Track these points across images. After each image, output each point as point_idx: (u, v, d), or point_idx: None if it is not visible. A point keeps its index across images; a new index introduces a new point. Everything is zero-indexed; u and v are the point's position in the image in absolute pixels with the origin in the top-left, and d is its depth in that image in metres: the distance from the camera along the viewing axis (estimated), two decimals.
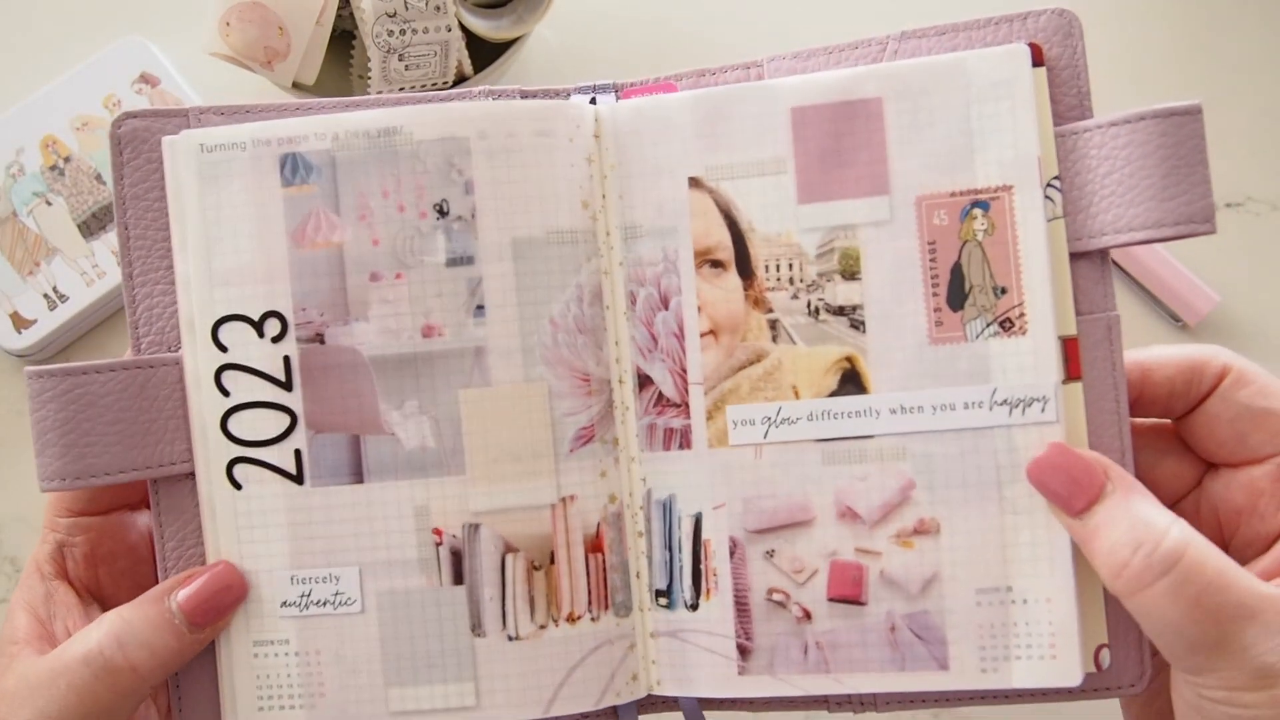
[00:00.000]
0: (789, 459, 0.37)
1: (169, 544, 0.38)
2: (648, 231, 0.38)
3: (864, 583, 0.37)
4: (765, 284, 0.38)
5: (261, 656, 0.38)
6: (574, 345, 0.39)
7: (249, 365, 0.38)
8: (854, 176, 0.37)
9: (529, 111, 0.39)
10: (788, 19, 0.60)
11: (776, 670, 0.37)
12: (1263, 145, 0.58)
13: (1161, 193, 0.35)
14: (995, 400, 0.36)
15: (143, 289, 0.39)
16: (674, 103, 0.38)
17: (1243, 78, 0.59)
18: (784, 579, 0.37)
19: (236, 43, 0.50)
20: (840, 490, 0.37)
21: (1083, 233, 0.36)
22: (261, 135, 0.38)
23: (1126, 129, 0.35)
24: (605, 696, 0.38)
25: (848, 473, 0.37)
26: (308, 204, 0.38)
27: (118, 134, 0.39)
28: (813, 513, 0.37)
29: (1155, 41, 0.60)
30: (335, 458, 0.38)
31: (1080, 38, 0.37)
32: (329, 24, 0.50)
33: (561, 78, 0.59)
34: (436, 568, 0.38)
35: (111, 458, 0.37)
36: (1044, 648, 0.36)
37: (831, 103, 0.37)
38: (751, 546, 0.37)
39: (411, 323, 0.38)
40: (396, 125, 0.38)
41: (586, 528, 0.38)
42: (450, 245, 0.38)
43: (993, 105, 0.36)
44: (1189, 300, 0.54)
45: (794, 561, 0.37)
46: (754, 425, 0.37)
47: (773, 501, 0.37)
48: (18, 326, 0.54)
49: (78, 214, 0.55)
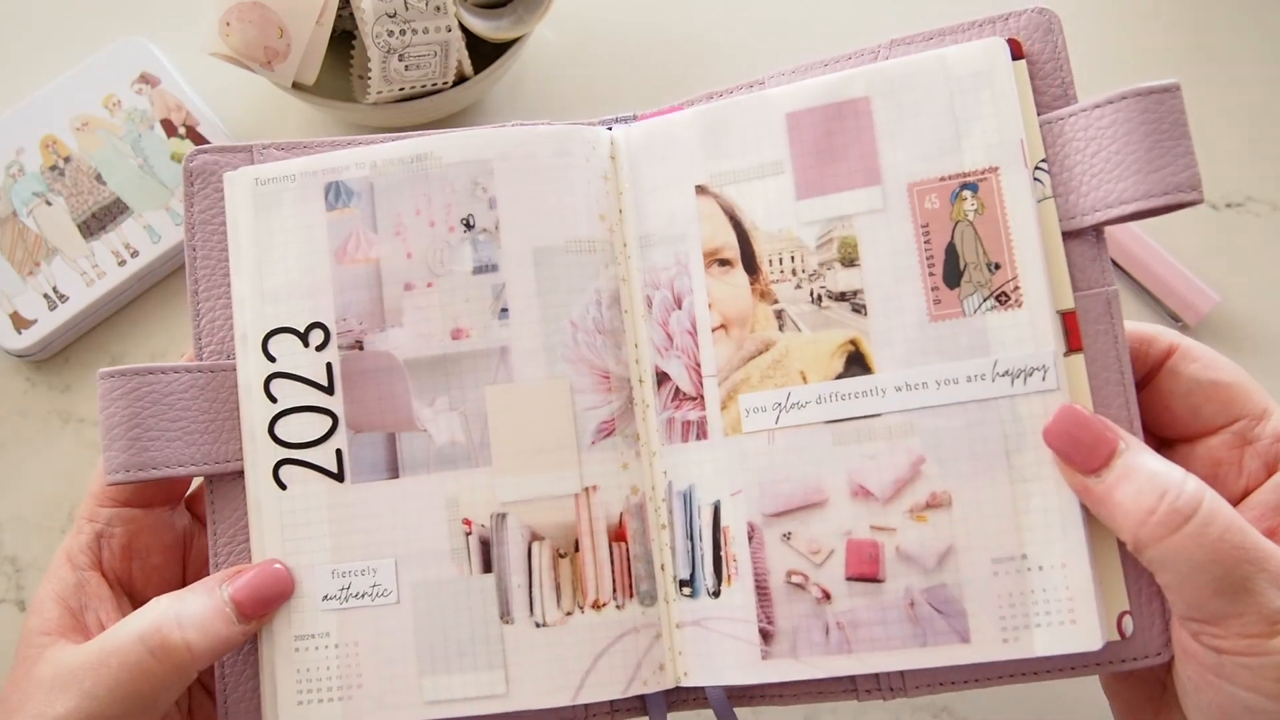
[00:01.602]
0: (801, 442, 0.38)
1: (220, 539, 0.41)
2: (661, 239, 0.41)
3: (880, 560, 0.37)
4: (770, 277, 0.39)
5: (303, 650, 0.40)
6: (593, 345, 0.41)
7: (295, 373, 0.41)
8: (847, 170, 0.39)
9: (547, 135, 0.42)
10: (786, 16, 0.61)
11: (799, 653, 0.38)
12: (1263, 145, 0.58)
13: (1148, 165, 0.36)
14: (997, 372, 0.37)
15: (206, 303, 0.42)
16: (679, 120, 0.41)
17: (1243, 78, 0.59)
18: (802, 560, 0.38)
19: (236, 43, 0.50)
20: (852, 470, 0.38)
21: (1074, 211, 0.38)
22: (308, 168, 0.42)
23: (1110, 109, 0.37)
24: (632, 684, 0.39)
25: (858, 452, 0.38)
26: (348, 225, 0.42)
27: (190, 167, 0.43)
28: (826, 493, 0.38)
29: (1155, 42, 0.60)
30: (373, 455, 0.41)
31: (1060, 33, 0.39)
32: (329, 24, 0.50)
33: (561, 78, 0.60)
34: (467, 557, 0.40)
35: (173, 452, 0.40)
36: (1063, 613, 0.36)
37: (823, 105, 0.40)
38: (769, 530, 0.38)
39: (442, 327, 0.41)
40: (427, 152, 0.42)
41: (609, 517, 0.40)
42: (476, 255, 0.41)
43: (974, 95, 0.38)
44: (1189, 300, 0.55)
45: (811, 543, 0.38)
46: (766, 412, 0.39)
47: (787, 485, 0.38)
48: (18, 326, 0.54)
49: (78, 214, 0.55)
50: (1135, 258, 0.55)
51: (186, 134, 0.56)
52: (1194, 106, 0.53)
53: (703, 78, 0.58)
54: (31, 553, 0.53)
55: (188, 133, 0.56)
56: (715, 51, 0.60)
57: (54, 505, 0.53)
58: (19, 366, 0.55)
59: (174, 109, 0.57)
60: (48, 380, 0.55)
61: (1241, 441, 0.38)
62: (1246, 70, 0.59)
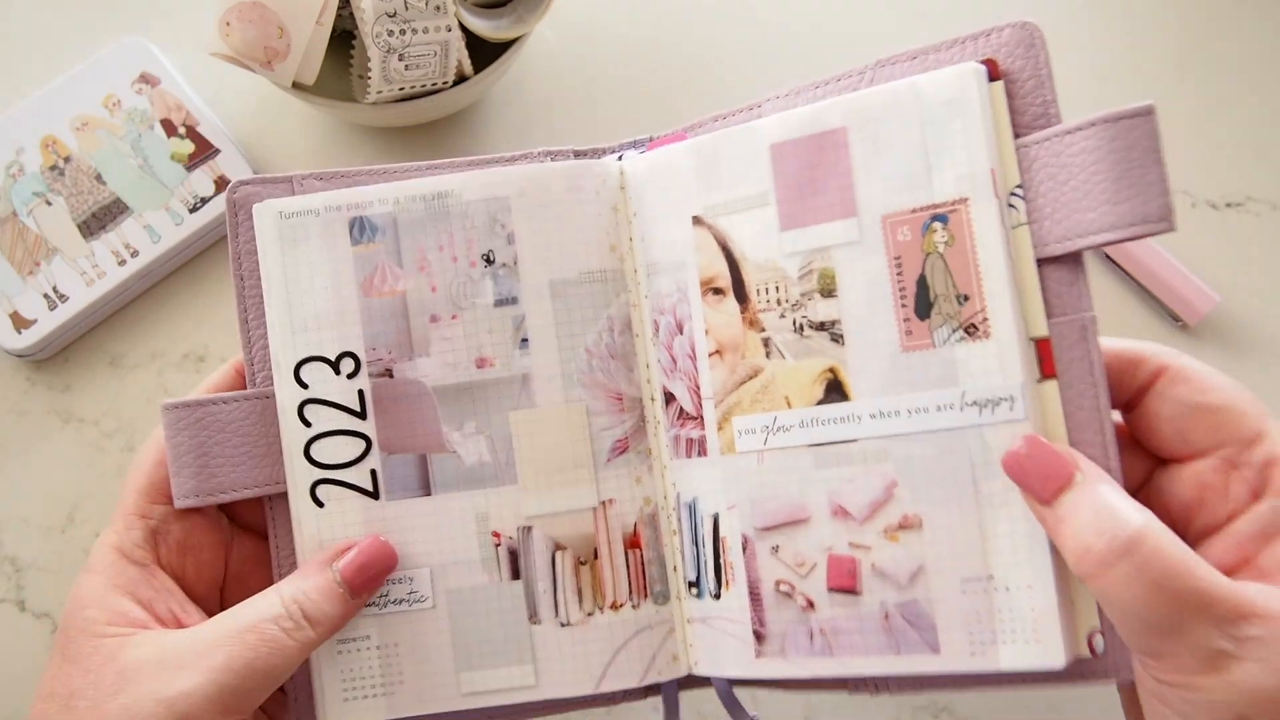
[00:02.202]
0: (787, 464, 0.41)
1: (282, 552, 0.45)
2: (664, 268, 0.44)
3: (858, 574, 0.40)
4: (758, 306, 0.42)
5: (345, 653, 0.44)
6: (607, 369, 0.44)
7: (328, 399, 0.45)
8: (827, 203, 0.40)
9: (560, 172, 0.45)
10: (785, 16, 0.61)
11: (788, 654, 0.41)
12: (1263, 145, 0.58)
13: (1115, 195, 0.36)
14: (965, 402, 0.38)
15: (255, 330, 0.45)
16: (678, 151, 0.43)
17: (1243, 78, 0.59)
18: (789, 572, 0.41)
19: (236, 43, 0.49)
20: (832, 490, 0.40)
21: (1048, 238, 0.38)
22: (333, 202, 0.45)
23: (1080, 135, 0.37)
24: (648, 674, 0.44)
25: (837, 475, 0.40)
26: (374, 259, 0.45)
27: (233, 199, 0.45)
28: (809, 511, 0.41)
29: (1155, 42, 0.60)
30: (406, 474, 0.45)
31: (1043, 48, 0.38)
32: (329, 24, 0.50)
33: (562, 77, 0.61)
34: (497, 566, 0.45)
35: (238, 475, 0.44)
36: (1028, 632, 0.38)
37: (804, 136, 0.41)
38: (760, 543, 0.42)
39: (467, 356, 0.45)
40: (448, 189, 0.45)
41: (625, 527, 0.44)
42: (497, 288, 0.45)
43: (945, 125, 0.38)
44: (1189, 300, 0.55)
45: (796, 555, 0.41)
46: (755, 434, 0.42)
47: (775, 503, 0.41)
48: (18, 326, 0.54)
49: (78, 214, 0.55)
50: (1135, 258, 0.56)
51: (186, 134, 0.56)
52: (1194, 106, 0.59)
53: (702, 78, 0.59)
54: (31, 553, 0.54)
55: (188, 133, 0.56)
56: (715, 51, 0.60)
57: (54, 505, 0.54)
58: (19, 366, 0.56)
59: (174, 109, 0.57)
60: (48, 380, 0.56)
61: (1229, 466, 0.37)
62: (1246, 70, 0.59)
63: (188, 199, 0.56)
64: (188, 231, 0.55)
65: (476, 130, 0.61)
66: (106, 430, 0.57)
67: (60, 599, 0.55)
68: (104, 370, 0.57)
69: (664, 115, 0.57)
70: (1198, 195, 0.59)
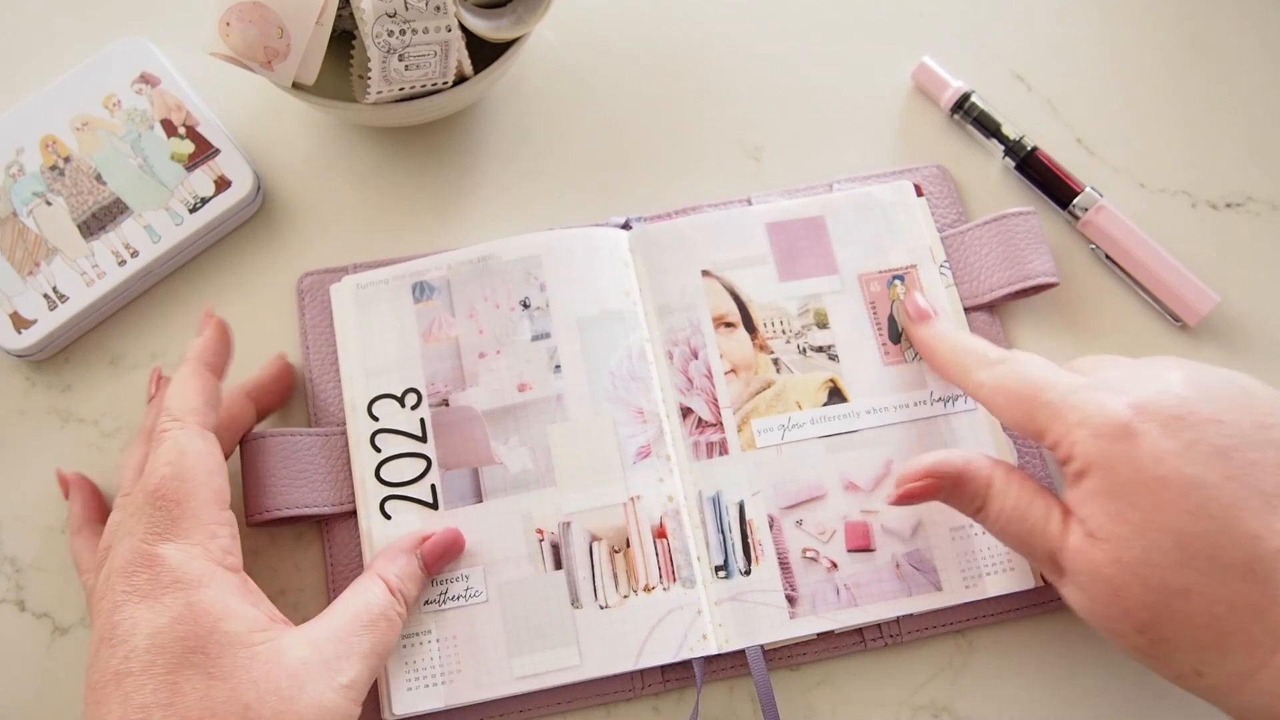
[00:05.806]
0: (802, 452, 0.51)
1: (338, 566, 0.49)
2: (677, 308, 0.53)
3: (871, 535, 0.49)
4: (766, 335, 0.53)
5: (409, 646, 0.47)
6: (628, 388, 0.51)
7: (395, 428, 0.51)
8: (814, 264, 0.54)
9: (580, 236, 0.54)
10: (785, 15, 0.62)
11: (819, 610, 0.48)
12: (1263, 145, 0.58)
13: (1013, 262, 0.54)
14: (933, 399, 0.52)
15: (319, 385, 0.53)
16: (683, 224, 0.55)
17: (1244, 78, 0.59)
18: (813, 540, 0.49)
19: (236, 43, 0.49)
20: (842, 470, 0.50)
21: (970, 294, 0.54)
22: (398, 273, 0.53)
23: (985, 228, 0.55)
24: (681, 651, 0.47)
25: (846, 457, 0.51)
26: (432, 313, 0.52)
27: (301, 287, 0.55)
28: (825, 489, 0.50)
29: (1156, 42, 0.60)
30: (461, 486, 0.50)
31: (950, 180, 0.57)
32: (329, 24, 0.50)
33: (561, 78, 0.61)
34: (541, 559, 0.48)
35: (307, 493, 0.49)
36: (1003, 564, 0.49)
37: (792, 219, 0.55)
38: (785, 519, 0.49)
39: (510, 383, 0.51)
40: (490, 254, 0.53)
41: (652, 519, 0.49)
42: (533, 327, 0.52)
43: (895, 217, 0.55)
44: (1189, 300, 0.54)
45: (818, 526, 0.49)
46: (773, 431, 0.51)
47: (795, 485, 0.50)
48: (18, 326, 0.53)
49: (78, 214, 0.55)
50: (1135, 258, 0.55)
51: (186, 134, 0.56)
52: (1193, 107, 0.59)
53: (701, 78, 0.60)
54: (31, 553, 0.52)
55: (188, 133, 0.56)
56: (714, 52, 0.61)
57: (54, 505, 0.52)
58: (19, 366, 0.55)
59: (174, 109, 0.57)
60: (48, 380, 0.55)
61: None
62: (1246, 70, 0.59)
63: (188, 199, 0.55)
64: (188, 231, 0.54)
65: (476, 131, 0.60)
66: (106, 430, 0.54)
67: (60, 599, 0.51)
68: (104, 370, 0.55)
69: (664, 115, 0.60)
70: (1198, 195, 0.58)
